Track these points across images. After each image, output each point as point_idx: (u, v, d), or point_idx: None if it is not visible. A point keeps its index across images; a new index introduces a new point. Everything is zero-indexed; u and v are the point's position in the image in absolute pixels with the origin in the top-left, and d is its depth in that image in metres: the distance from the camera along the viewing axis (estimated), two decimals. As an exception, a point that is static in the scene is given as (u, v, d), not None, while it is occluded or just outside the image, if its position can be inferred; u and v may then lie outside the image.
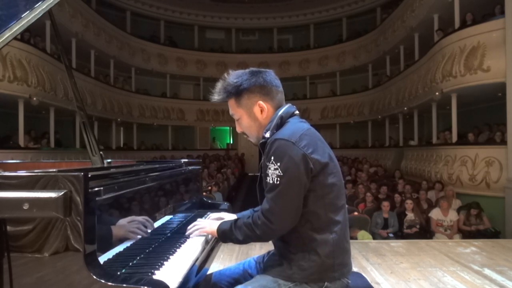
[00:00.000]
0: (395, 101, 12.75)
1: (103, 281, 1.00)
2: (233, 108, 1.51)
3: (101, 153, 1.96)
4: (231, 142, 19.32)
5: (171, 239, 1.60)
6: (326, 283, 1.37)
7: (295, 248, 1.39)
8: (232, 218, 1.70)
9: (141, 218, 1.47)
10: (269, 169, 1.34)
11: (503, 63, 7.37)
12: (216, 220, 1.70)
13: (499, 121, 8.37)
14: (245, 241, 1.42)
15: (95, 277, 1.00)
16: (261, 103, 1.47)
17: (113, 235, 1.25)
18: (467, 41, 8.09)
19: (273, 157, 1.33)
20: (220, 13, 18.02)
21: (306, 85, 17.97)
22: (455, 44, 8.41)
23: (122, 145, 15.70)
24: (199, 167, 2.41)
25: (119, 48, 14.54)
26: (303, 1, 17.53)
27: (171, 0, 16.77)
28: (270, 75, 1.50)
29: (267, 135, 1.42)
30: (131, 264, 1.28)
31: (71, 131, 11.47)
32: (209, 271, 1.69)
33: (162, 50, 16.67)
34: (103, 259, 1.14)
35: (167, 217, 1.79)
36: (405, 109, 11.91)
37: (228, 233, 1.45)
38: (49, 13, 1.61)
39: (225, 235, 1.46)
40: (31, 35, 8.85)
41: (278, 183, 1.32)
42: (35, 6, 1.32)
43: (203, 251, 1.54)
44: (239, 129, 1.56)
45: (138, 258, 1.34)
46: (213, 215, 1.75)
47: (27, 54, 8.38)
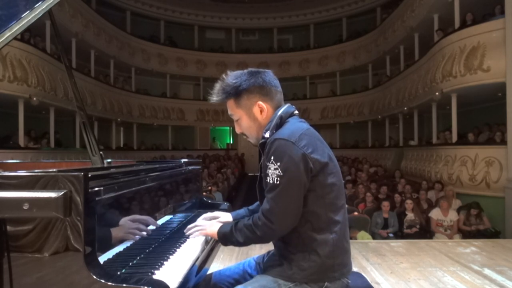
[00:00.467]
0: (395, 101, 12.74)
1: (103, 281, 1.00)
2: (232, 109, 1.51)
3: (101, 153, 1.95)
4: (231, 142, 19.32)
5: (171, 239, 1.60)
6: (326, 283, 1.37)
7: (295, 248, 1.39)
8: (226, 216, 1.70)
9: (143, 217, 1.47)
10: (269, 169, 1.34)
11: (503, 63, 7.37)
12: (211, 219, 1.69)
13: (499, 121, 8.37)
14: (245, 243, 1.42)
15: (95, 277, 1.00)
16: (260, 103, 1.47)
17: (113, 235, 1.25)
18: (467, 41, 8.08)
19: (273, 157, 1.33)
20: (220, 13, 18.01)
21: (306, 85, 17.96)
22: (455, 44, 8.41)
23: (122, 145, 15.70)
24: (199, 167, 2.41)
25: (119, 48, 14.54)
26: (303, 1, 17.52)
27: (171, 0, 16.77)
28: (268, 75, 1.50)
29: (267, 135, 1.41)
30: (131, 264, 1.28)
31: (71, 131, 11.47)
32: (209, 271, 1.69)
33: (162, 50, 16.67)
34: (103, 259, 1.14)
35: (167, 217, 1.79)
36: (405, 109, 11.91)
37: (228, 235, 1.44)
38: (49, 13, 1.61)
39: (226, 237, 1.45)
40: (31, 35, 8.85)
41: (278, 183, 1.31)
42: (35, 6, 1.32)
43: (203, 251, 1.54)
44: (238, 130, 1.56)
45: (138, 258, 1.34)
46: (207, 215, 1.74)
47: (27, 54, 8.38)
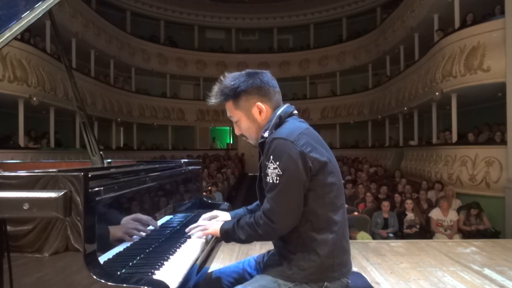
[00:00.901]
0: (395, 101, 12.74)
1: (103, 281, 1.00)
2: (231, 110, 1.51)
3: (101, 153, 1.95)
4: (231, 142, 19.32)
5: (171, 239, 1.60)
6: (326, 283, 1.37)
7: (295, 248, 1.39)
8: (225, 216, 1.70)
9: (143, 217, 1.47)
10: (269, 168, 1.34)
11: (503, 63, 7.36)
12: (210, 219, 1.69)
13: (499, 121, 8.36)
14: (247, 240, 1.42)
15: (95, 277, 1.00)
16: (259, 104, 1.47)
17: (113, 235, 1.25)
18: (467, 41, 8.08)
19: (272, 156, 1.33)
20: (220, 13, 18.01)
21: (306, 85, 17.95)
22: (455, 44, 8.41)
23: (122, 145, 15.70)
24: (199, 167, 2.41)
25: (119, 48, 14.54)
26: (303, 1, 17.52)
27: (171, 0, 16.77)
28: (266, 76, 1.50)
29: (266, 135, 1.41)
30: (131, 264, 1.28)
31: (71, 131, 11.46)
32: (209, 271, 1.69)
33: (162, 50, 16.67)
34: (103, 259, 1.14)
35: (167, 217, 1.79)
36: (405, 109, 11.91)
37: (231, 233, 1.45)
38: (49, 13, 1.61)
39: (228, 235, 1.46)
40: (31, 35, 8.85)
41: (277, 182, 1.32)
42: (35, 6, 1.32)
43: (203, 251, 1.54)
44: (238, 131, 1.56)
45: (138, 258, 1.33)
46: (206, 215, 1.74)
47: (27, 54, 8.38)
